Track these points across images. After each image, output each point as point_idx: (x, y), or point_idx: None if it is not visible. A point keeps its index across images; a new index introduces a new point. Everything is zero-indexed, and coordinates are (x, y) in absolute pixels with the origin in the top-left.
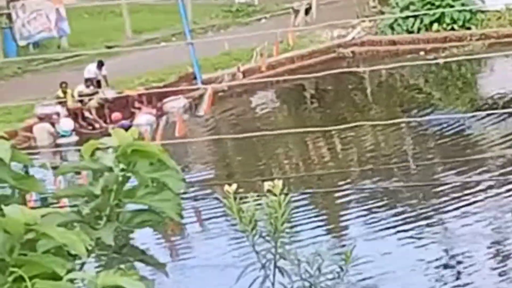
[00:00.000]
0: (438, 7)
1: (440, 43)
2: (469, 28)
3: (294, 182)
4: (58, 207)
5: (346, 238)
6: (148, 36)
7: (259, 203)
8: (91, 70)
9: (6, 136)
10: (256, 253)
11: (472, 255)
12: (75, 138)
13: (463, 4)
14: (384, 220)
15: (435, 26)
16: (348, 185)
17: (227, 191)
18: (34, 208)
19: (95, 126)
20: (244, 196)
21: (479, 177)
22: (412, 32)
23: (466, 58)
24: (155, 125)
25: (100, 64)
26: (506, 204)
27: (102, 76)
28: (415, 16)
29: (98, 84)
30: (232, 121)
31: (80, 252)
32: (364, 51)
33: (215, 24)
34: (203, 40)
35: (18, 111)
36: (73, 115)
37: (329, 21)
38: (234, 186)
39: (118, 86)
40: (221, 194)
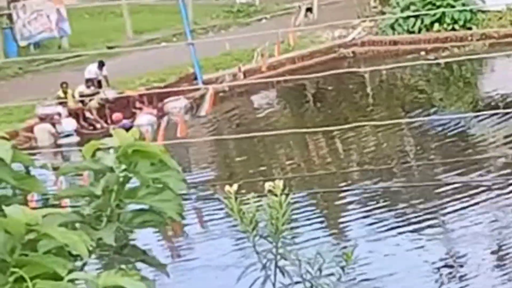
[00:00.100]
0: (439, 7)
1: (441, 43)
2: (470, 28)
3: (295, 182)
4: (59, 207)
5: (347, 238)
6: (148, 36)
7: (260, 203)
8: (91, 71)
9: (7, 136)
10: (257, 253)
11: (474, 256)
12: (76, 138)
13: (464, 4)
14: (385, 221)
15: (436, 26)
16: (349, 185)
17: (228, 192)
18: (35, 209)
19: (96, 126)
20: (246, 196)
21: (481, 177)
22: (413, 32)
23: (467, 58)
24: (156, 125)
25: (101, 65)
26: (509, 204)
27: (103, 76)
28: (416, 16)
29: (99, 85)
30: (233, 121)
31: (81, 252)
32: (365, 51)
33: (216, 25)
34: (204, 40)
35: (19, 112)
36: (74, 116)
37: (330, 21)
38: (235, 186)
39: (118, 86)
40: (222, 195)
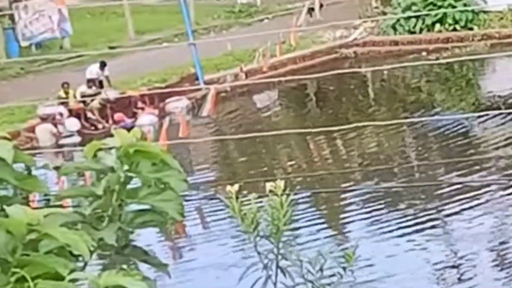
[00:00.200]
0: (440, 7)
1: (442, 44)
2: (471, 29)
3: (295, 182)
4: (61, 207)
5: (348, 238)
6: (150, 36)
7: (262, 203)
8: (93, 71)
9: (8, 136)
10: (258, 253)
11: (475, 257)
12: (77, 138)
13: (465, 5)
14: (386, 221)
15: (437, 26)
16: (351, 185)
17: (230, 192)
18: (37, 209)
19: (98, 126)
20: (247, 196)
21: (483, 178)
22: (414, 32)
23: (468, 58)
24: (158, 125)
25: (103, 65)
26: (511, 205)
27: (104, 76)
28: (417, 17)
29: (101, 85)
30: (236, 122)
31: (82, 252)
32: (366, 52)
33: (218, 25)
34: (206, 40)
35: (21, 112)
36: (75, 116)
37: (331, 21)
38: (236, 187)
39: (120, 86)
40: (224, 195)
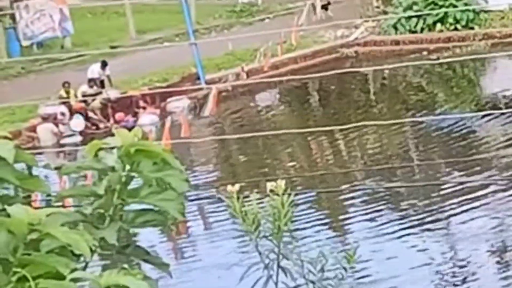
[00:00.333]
0: (441, 7)
1: (443, 43)
2: (472, 28)
3: (296, 182)
4: (62, 207)
5: (349, 238)
6: (151, 36)
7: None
8: (94, 70)
9: (10, 136)
10: (259, 253)
11: (476, 258)
12: (79, 138)
13: (466, 4)
14: (387, 221)
15: (438, 26)
16: (352, 185)
17: (231, 191)
18: (38, 208)
19: (99, 126)
20: (248, 196)
21: (484, 178)
22: (415, 32)
23: (469, 58)
24: (159, 125)
25: (104, 64)
26: None
27: (106, 76)
28: (418, 16)
29: (102, 84)
30: (237, 121)
31: (83, 252)
32: (367, 51)
33: (219, 24)
34: (207, 40)
35: (22, 111)
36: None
37: (332, 20)
38: (237, 186)
39: (121, 86)
40: (225, 195)
